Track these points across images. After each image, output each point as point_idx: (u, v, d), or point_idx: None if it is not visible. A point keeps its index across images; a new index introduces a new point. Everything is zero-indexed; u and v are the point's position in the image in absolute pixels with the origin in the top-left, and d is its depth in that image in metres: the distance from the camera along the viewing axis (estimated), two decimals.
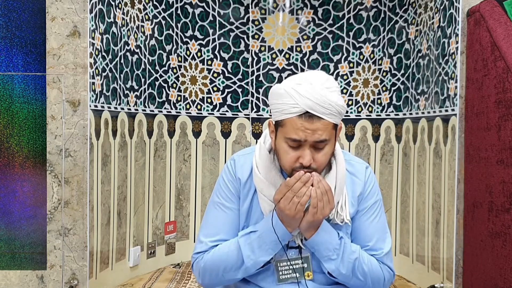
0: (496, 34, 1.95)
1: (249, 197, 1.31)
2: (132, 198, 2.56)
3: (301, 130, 1.15)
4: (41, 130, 2.28)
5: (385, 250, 1.31)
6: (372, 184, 1.35)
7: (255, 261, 1.24)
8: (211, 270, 1.28)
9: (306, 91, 1.15)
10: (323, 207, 1.18)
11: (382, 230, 1.33)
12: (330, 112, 1.15)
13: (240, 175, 1.32)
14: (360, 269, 1.25)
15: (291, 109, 1.16)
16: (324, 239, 1.23)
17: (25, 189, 2.31)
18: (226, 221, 1.31)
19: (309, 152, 1.17)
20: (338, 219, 1.27)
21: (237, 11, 2.93)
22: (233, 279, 1.29)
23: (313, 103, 1.14)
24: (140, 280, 2.53)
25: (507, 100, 1.86)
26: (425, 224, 2.49)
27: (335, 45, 2.92)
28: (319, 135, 1.15)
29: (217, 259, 1.27)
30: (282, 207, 1.18)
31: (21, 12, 2.29)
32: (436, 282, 2.32)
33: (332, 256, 1.23)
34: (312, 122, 1.15)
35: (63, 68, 2.22)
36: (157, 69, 2.72)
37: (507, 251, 1.84)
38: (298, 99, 1.15)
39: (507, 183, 1.85)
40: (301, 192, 1.16)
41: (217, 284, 1.33)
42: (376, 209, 1.34)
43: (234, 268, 1.25)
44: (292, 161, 1.19)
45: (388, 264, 1.32)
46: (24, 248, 2.32)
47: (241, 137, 2.99)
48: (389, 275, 1.32)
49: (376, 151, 2.92)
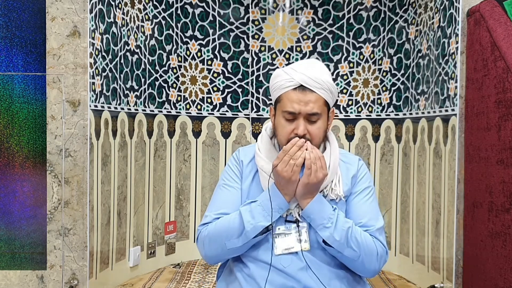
0: (496, 34, 1.95)
1: (250, 177, 1.44)
2: (132, 198, 2.56)
3: (296, 102, 1.32)
4: (41, 130, 2.28)
5: (377, 226, 1.39)
6: (364, 172, 1.48)
7: (255, 226, 1.32)
8: (214, 239, 1.37)
9: (301, 68, 1.34)
10: (317, 170, 1.29)
11: (374, 211, 1.43)
12: (322, 87, 1.32)
13: (243, 158, 1.48)
14: (354, 238, 1.32)
15: (287, 83, 1.33)
16: (318, 208, 1.33)
17: (25, 189, 2.31)
18: (229, 197, 1.44)
19: (303, 123, 1.32)
20: (333, 194, 1.39)
21: (237, 11, 2.93)
22: (235, 249, 1.36)
23: (306, 77, 1.32)
24: (140, 280, 2.53)
25: (507, 100, 1.86)
26: (425, 224, 2.49)
27: (335, 45, 2.92)
28: (311, 107, 1.31)
29: (220, 228, 1.37)
30: (279, 170, 1.29)
31: (21, 12, 2.29)
32: (436, 282, 2.32)
33: (327, 224, 1.32)
34: (305, 94, 1.32)
35: (63, 68, 2.22)
36: (157, 69, 2.72)
37: (507, 251, 1.84)
38: (293, 75, 1.33)
39: (507, 183, 1.85)
40: (297, 155, 1.28)
41: (219, 256, 1.40)
42: (369, 193, 1.44)
43: (236, 235, 1.33)
44: (288, 132, 1.34)
45: (380, 239, 1.39)
46: (24, 248, 2.32)
47: (241, 137, 2.99)
48: (382, 249, 1.37)
49: (376, 151, 2.92)
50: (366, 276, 1.43)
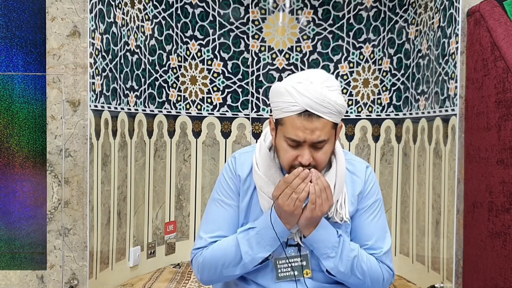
0: (496, 34, 1.95)
1: (248, 194, 1.31)
2: (132, 198, 2.56)
3: (300, 130, 1.16)
4: (41, 130, 2.28)
5: (384, 249, 1.31)
6: (372, 184, 1.34)
7: (253, 257, 1.24)
8: (209, 266, 1.28)
9: (306, 90, 1.15)
10: (322, 203, 1.18)
11: (381, 229, 1.33)
12: (330, 111, 1.15)
13: (240, 172, 1.33)
14: (359, 267, 1.25)
15: (291, 108, 1.16)
16: (322, 237, 1.23)
17: (25, 189, 2.31)
18: (225, 218, 1.32)
19: (308, 152, 1.18)
20: (338, 218, 1.27)
21: (237, 11, 2.93)
22: (232, 275, 1.29)
23: (312, 102, 1.14)
24: (140, 280, 2.53)
25: (507, 100, 1.86)
26: (425, 224, 2.49)
27: (335, 45, 2.92)
28: (317, 135, 1.16)
29: (215, 255, 1.27)
30: (281, 203, 1.18)
31: (21, 12, 2.29)
32: (436, 282, 2.32)
33: (331, 254, 1.23)
34: (311, 121, 1.15)
35: (63, 68, 2.22)
36: (157, 69, 2.72)
37: (507, 251, 1.84)
38: (297, 98, 1.15)
39: (507, 183, 1.84)
40: (300, 188, 1.16)
41: (215, 280, 1.33)
42: (376, 208, 1.33)
43: (233, 264, 1.25)
44: (291, 159, 1.20)
45: (387, 263, 1.31)
46: (24, 248, 2.31)
47: (241, 137, 2.99)
48: (388, 274, 1.31)
49: (376, 151, 2.92)
50: None
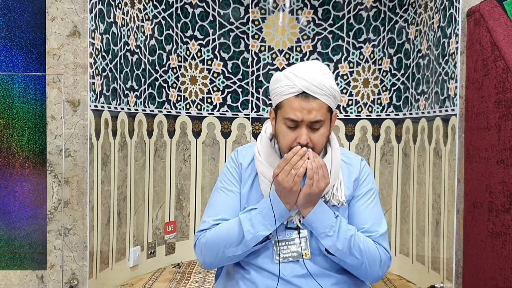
0: (496, 34, 1.95)
1: (250, 180, 1.39)
2: (132, 198, 2.56)
3: (298, 110, 1.26)
4: (41, 130, 2.28)
5: (380, 231, 1.36)
6: (367, 174, 1.44)
7: (255, 235, 1.29)
8: (212, 246, 1.33)
9: (303, 73, 1.27)
10: (319, 180, 1.25)
11: (377, 215, 1.40)
12: (325, 93, 1.27)
13: (242, 161, 1.42)
14: (356, 246, 1.29)
15: (289, 90, 1.27)
16: (320, 216, 1.30)
17: (25, 189, 2.31)
18: (228, 202, 1.39)
19: (306, 132, 1.27)
20: (335, 200, 1.34)
21: (237, 11, 2.93)
22: (233, 256, 1.33)
23: (309, 84, 1.25)
24: (140, 280, 2.53)
25: (507, 100, 1.86)
26: (425, 224, 2.49)
27: (335, 45, 2.92)
28: (314, 115, 1.26)
29: (218, 235, 1.33)
30: (281, 180, 1.25)
31: (21, 12, 2.29)
32: (436, 282, 2.32)
33: (329, 233, 1.28)
34: (308, 101, 1.26)
35: (63, 68, 2.22)
36: (157, 69, 2.72)
37: (507, 251, 1.84)
38: (295, 81, 1.27)
39: (507, 183, 1.85)
40: (298, 164, 1.24)
41: (217, 263, 1.38)
42: (372, 196, 1.41)
43: (235, 244, 1.30)
44: (290, 141, 1.29)
45: (384, 245, 1.36)
46: (24, 248, 2.31)
47: (241, 137, 2.99)
48: (385, 256, 1.35)
49: (376, 151, 2.92)
50: (369, 281, 1.41)
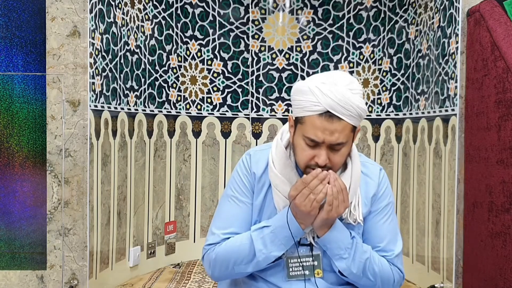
0: (496, 34, 1.95)
1: (263, 192, 1.32)
2: (132, 198, 2.56)
3: (320, 130, 1.17)
4: (41, 130, 2.27)
5: (396, 252, 1.32)
6: (385, 186, 1.36)
7: (267, 256, 1.24)
8: (221, 262, 1.29)
9: (330, 91, 1.16)
10: (338, 205, 1.19)
11: (393, 232, 1.35)
12: (350, 114, 1.17)
13: (255, 169, 1.34)
14: (371, 269, 1.26)
15: (313, 107, 1.17)
16: (336, 238, 1.24)
17: (25, 189, 2.31)
18: (239, 215, 1.32)
19: (325, 153, 1.19)
20: (351, 219, 1.29)
21: (237, 11, 2.93)
22: (243, 273, 1.30)
23: (334, 103, 1.15)
24: (140, 280, 2.53)
25: (507, 100, 1.86)
26: (425, 224, 2.49)
27: (335, 45, 2.92)
28: (336, 137, 1.17)
29: (228, 252, 1.28)
30: (298, 204, 1.19)
31: (21, 12, 2.29)
32: (436, 282, 2.32)
33: (344, 255, 1.24)
34: (332, 122, 1.16)
35: (63, 68, 2.22)
36: (157, 69, 2.72)
37: (507, 251, 1.84)
38: (320, 98, 1.16)
39: (507, 183, 1.84)
40: (318, 189, 1.17)
41: (226, 277, 1.34)
42: (389, 211, 1.35)
43: (245, 262, 1.26)
44: (308, 159, 1.21)
45: (398, 266, 1.33)
46: (24, 248, 2.31)
47: (241, 137, 2.99)
48: (399, 276, 1.33)
49: (376, 151, 2.91)
50: None
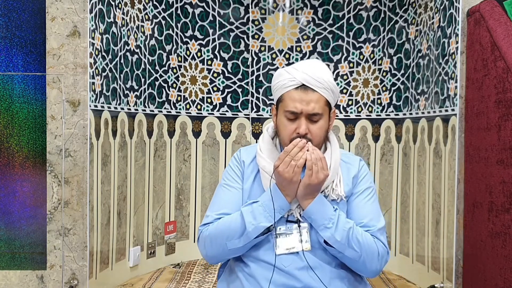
0: (496, 34, 1.95)
1: (251, 177, 1.45)
2: (132, 198, 2.56)
3: (298, 102, 1.33)
4: (41, 130, 2.28)
5: (378, 226, 1.40)
6: (365, 173, 1.49)
7: (256, 226, 1.33)
8: (215, 239, 1.38)
9: (303, 68, 1.36)
10: (318, 171, 1.29)
11: (375, 211, 1.44)
12: (323, 87, 1.34)
13: (245, 158, 1.49)
14: (355, 238, 1.33)
15: (289, 83, 1.35)
16: (319, 209, 1.34)
17: (25, 189, 2.31)
18: (230, 198, 1.44)
19: (305, 122, 1.34)
20: (334, 195, 1.39)
21: (237, 11, 2.93)
22: (236, 249, 1.37)
23: (308, 77, 1.33)
24: (140, 280, 2.53)
25: (507, 100, 1.86)
26: (425, 224, 2.49)
27: (335, 45, 2.92)
28: (312, 107, 1.33)
29: (221, 228, 1.38)
30: (281, 171, 1.30)
31: (21, 12, 2.29)
32: (436, 282, 2.32)
33: (328, 225, 1.32)
34: (307, 93, 1.33)
35: (63, 68, 2.22)
36: (157, 69, 2.72)
37: (507, 251, 1.84)
38: (295, 74, 1.35)
39: (507, 183, 1.85)
40: (298, 156, 1.29)
41: (220, 256, 1.42)
42: (370, 194, 1.45)
43: (237, 235, 1.34)
44: (290, 132, 1.35)
45: (382, 239, 1.40)
46: (24, 248, 2.31)
47: (241, 137, 2.99)
48: (383, 250, 1.38)
49: (376, 151, 2.92)
50: (367, 276, 1.44)
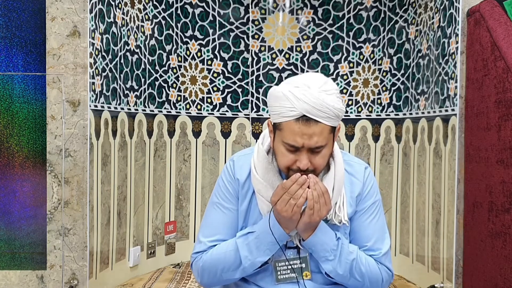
0: (496, 34, 1.95)
1: (247, 198, 1.32)
2: (132, 198, 2.56)
3: (298, 135, 1.16)
4: (41, 130, 2.28)
5: (383, 251, 1.32)
6: (371, 185, 1.35)
7: (253, 262, 1.25)
8: (209, 270, 1.30)
9: (303, 95, 1.15)
10: (320, 208, 1.19)
11: (380, 231, 1.34)
12: (327, 116, 1.16)
13: (239, 175, 1.33)
14: (358, 269, 1.26)
15: (289, 113, 1.16)
16: (321, 240, 1.24)
17: (25, 189, 2.31)
18: (224, 222, 1.33)
19: (306, 156, 1.18)
20: (336, 220, 1.28)
21: (237, 11, 2.93)
22: (231, 279, 1.31)
23: (310, 107, 1.14)
24: (140, 280, 2.53)
25: (507, 100, 1.86)
26: (425, 224, 2.49)
27: (335, 45, 2.92)
28: (315, 141, 1.16)
29: (215, 259, 1.29)
30: (279, 209, 1.19)
31: (21, 12, 2.29)
32: (436, 282, 2.32)
33: (329, 257, 1.24)
34: (309, 126, 1.15)
35: (63, 68, 2.22)
36: (157, 69, 2.72)
37: (507, 251, 1.84)
38: (295, 103, 1.15)
39: (507, 183, 1.84)
40: (298, 194, 1.17)
41: (215, 284, 1.34)
42: (375, 210, 1.34)
43: (232, 268, 1.27)
44: (289, 163, 1.21)
45: (387, 264, 1.32)
46: (24, 248, 2.31)
47: (241, 137, 2.99)
48: (387, 275, 1.32)
49: (376, 151, 2.91)
50: None
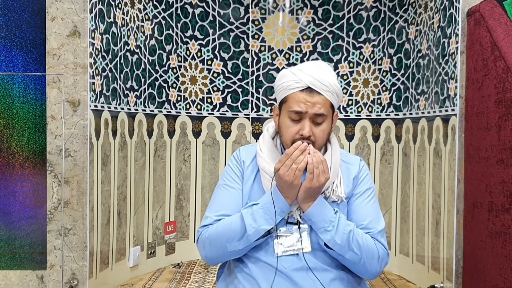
0: (496, 34, 1.95)
1: (251, 178, 1.44)
2: (132, 198, 2.56)
3: (303, 102, 1.33)
4: (41, 130, 2.28)
5: (378, 228, 1.40)
6: (366, 173, 1.48)
7: (257, 229, 1.32)
8: (215, 241, 1.37)
9: (309, 70, 1.35)
10: (319, 174, 1.29)
11: (375, 213, 1.44)
12: (328, 90, 1.34)
13: (245, 158, 1.47)
14: (355, 241, 1.33)
15: (295, 85, 1.34)
16: (320, 211, 1.33)
17: (25, 189, 2.31)
18: (230, 198, 1.43)
19: (309, 124, 1.33)
20: (334, 196, 1.39)
21: (237, 11, 2.93)
22: (235, 251, 1.36)
23: (314, 79, 1.32)
24: (140, 280, 2.53)
25: (507, 100, 1.86)
26: (425, 224, 2.49)
27: (335, 45, 2.92)
28: (318, 108, 1.33)
29: (221, 230, 1.37)
30: (282, 174, 1.29)
31: (21, 12, 2.29)
32: (436, 282, 2.32)
33: (328, 228, 1.32)
34: (312, 96, 1.33)
35: (63, 68, 2.22)
36: (157, 69, 2.72)
37: (507, 251, 1.84)
38: (301, 76, 1.34)
39: (507, 183, 1.85)
40: (299, 159, 1.28)
41: (219, 257, 1.41)
42: (370, 195, 1.45)
43: (237, 238, 1.34)
44: (293, 133, 1.35)
45: (382, 241, 1.40)
46: (24, 248, 2.32)
47: (241, 137, 2.99)
48: (383, 252, 1.38)
49: (376, 151, 2.92)
50: (367, 278, 1.44)
